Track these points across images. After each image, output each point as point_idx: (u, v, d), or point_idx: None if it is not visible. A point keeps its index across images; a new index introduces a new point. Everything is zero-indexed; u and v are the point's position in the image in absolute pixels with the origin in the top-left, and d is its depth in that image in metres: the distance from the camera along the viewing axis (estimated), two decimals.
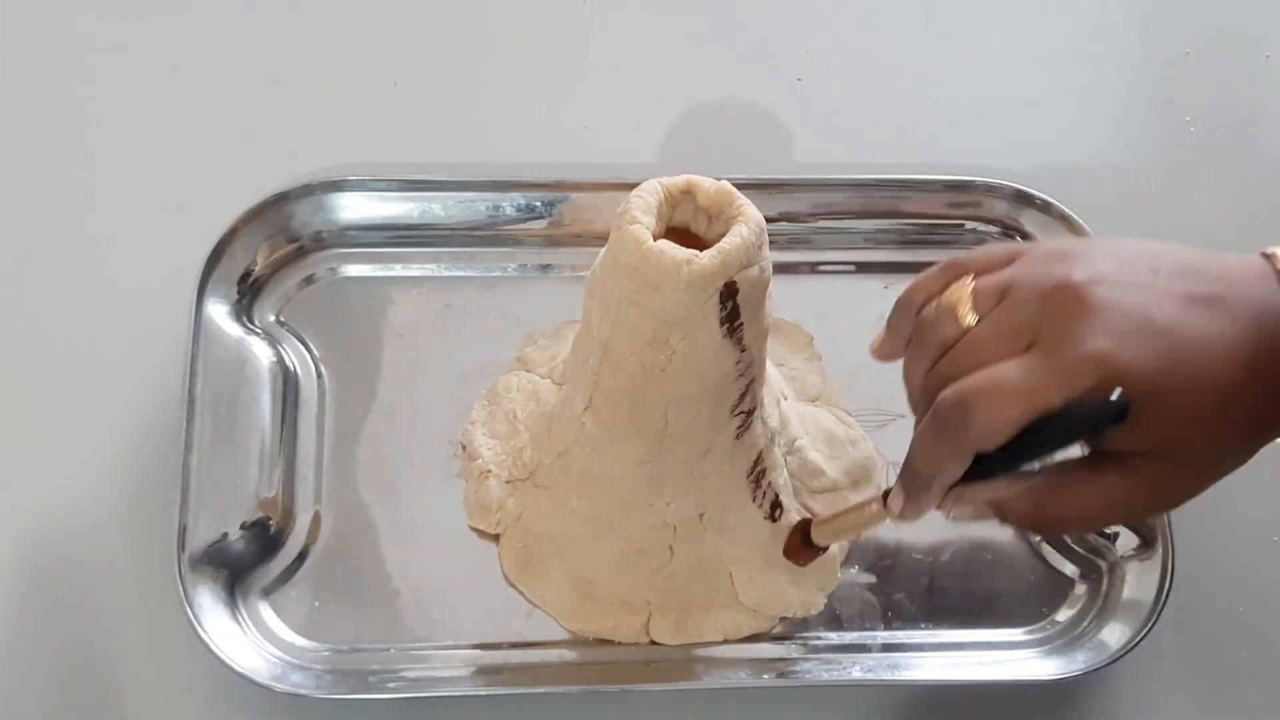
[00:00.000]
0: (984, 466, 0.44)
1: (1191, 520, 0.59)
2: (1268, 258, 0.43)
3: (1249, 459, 0.45)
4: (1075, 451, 0.46)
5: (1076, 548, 0.60)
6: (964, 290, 0.45)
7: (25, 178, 0.68)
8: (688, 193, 0.49)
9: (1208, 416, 0.42)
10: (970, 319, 0.44)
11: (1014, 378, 0.42)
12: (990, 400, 0.42)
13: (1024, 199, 0.66)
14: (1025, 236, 0.66)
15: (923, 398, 0.46)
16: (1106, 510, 0.46)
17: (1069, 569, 0.60)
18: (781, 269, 0.51)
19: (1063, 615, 0.59)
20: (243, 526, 0.57)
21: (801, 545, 0.56)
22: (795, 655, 0.57)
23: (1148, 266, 0.43)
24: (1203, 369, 0.41)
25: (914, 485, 0.46)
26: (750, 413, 0.54)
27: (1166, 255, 0.43)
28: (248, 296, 0.63)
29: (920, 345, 0.46)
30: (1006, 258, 0.45)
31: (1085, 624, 0.58)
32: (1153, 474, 0.44)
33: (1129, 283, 0.42)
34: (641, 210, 0.48)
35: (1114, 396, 0.41)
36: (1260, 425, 0.43)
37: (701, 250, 0.47)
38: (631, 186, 0.49)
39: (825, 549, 0.57)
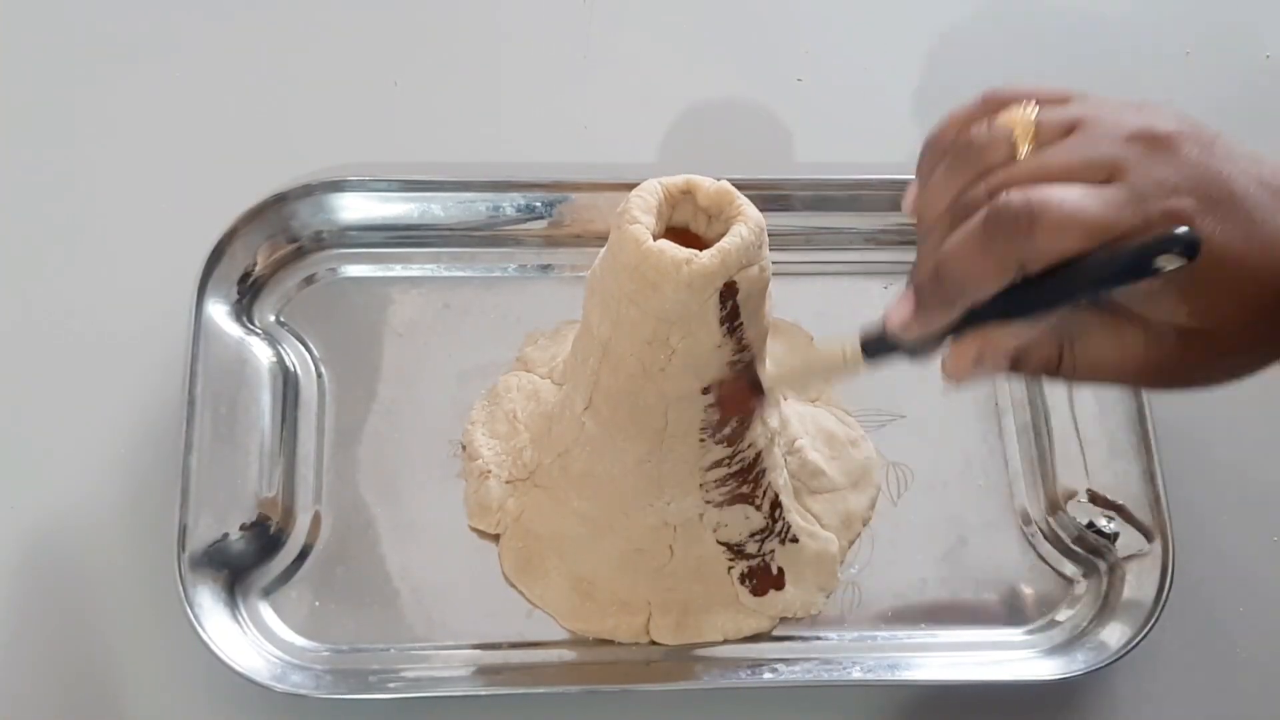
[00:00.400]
0: (1015, 301, 0.39)
1: (1191, 520, 0.59)
2: None
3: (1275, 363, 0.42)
4: None
5: (1076, 548, 0.60)
6: (1026, 116, 0.40)
7: (25, 178, 0.68)
8: (687, 192, 0.49)
9: (1259, 312, 0.39)
10: (1027, 149, 0.40)
11: (1093, 204, 0.37)
12: (1064, 214, 0.37)
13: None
14: None
15: (946, 219, 0.40)
16: (1119, 368, 0.41)
17: (1069, 569, 0.60)
18: (781, 269, 0.51)
19: (1063, 615, 0.59)
20: (243, 526, 0.57)
21: (744, 392, 0.51)
22: (795, 655, 0.57)
23: (1220, 138, 0.40)
24: (1272, 263, 0.38)
25: (935, 293, 0.40)
26: (750, 413, 0.54)
27: (1228, 138, 0.40)
28: (248, 296, 0.63)
29: (959, 165, 0.41)
30: (1062, 95, 0.41)
31: (1085, 624, 0.58)
32: (1178, 347, 0.40)
33: (1212, 147, 0.39)
34: (641, 210, 0.48)
35: (1181, 230, 0.37)
36: None
37: (701, 250, 0.47)
38: (631, 186, 0.49)
39: (761, 398, 0.52)
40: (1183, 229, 0.37)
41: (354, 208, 0.65)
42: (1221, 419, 0.63)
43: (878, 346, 0.45)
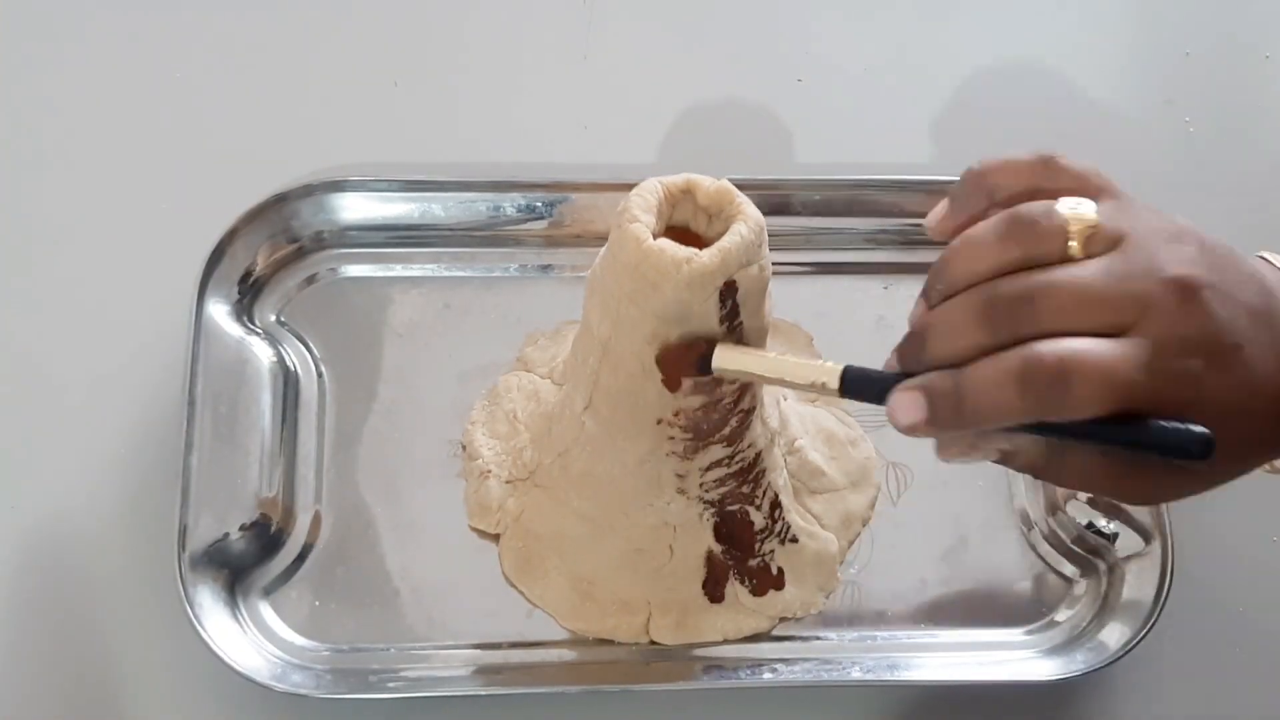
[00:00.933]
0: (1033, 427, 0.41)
1: (1191, 520, 0.59)
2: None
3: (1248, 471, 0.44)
4: None
5: (1076, 548, 0.60)
6: (1086, 219, 0.41)
7: (25, 178, 0.68)
8: (687, 191, 0.49)
9: (1244, 443, 0.42)
10: (1077, 251, 0.41)
11: (1119, 377, 0.39)
12: (1094, 380, 0.39)
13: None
14: None
15: (974, 287, 0.42)
16: (1106, 484, 0.44)
17: (1069, 569, 0.60)
18: (781, 269, 0.51)
19: (1062, 615, 0.59)
20: (243, 526, 0.57)
21: (688, 365, 0.49)
22: (795, 655, 0.57)
23: (1233, 269, 0.42)
24: (1265, 403, 0.41)
25: (954, 415, 0.41)
26: (750, 413, 0.54)
27: (1234, 258, 0.42)
28: (248, 296, 0.63)
29: (1010, 240, 0.41)
30: (1102, 186, 0.43)
31: (1085, 624, 0.58)
32: (1167, 472, 0.42)
33: (1226, 293, 0.41)
34: (641, 209, 0.48)
35: (1199, 430, 0.40)
36: (1271, 445, 0.43)
37: (701, 249, 0.48)
38: (631, 186, 0.49)
39: (704, 378, 0.50)
40: (1200, 430, 0.39)
41: (354, 208, 0.65)
42: None
43: (858, 391, 0.45)
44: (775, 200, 0.65)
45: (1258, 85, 0.75)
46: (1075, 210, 0.42)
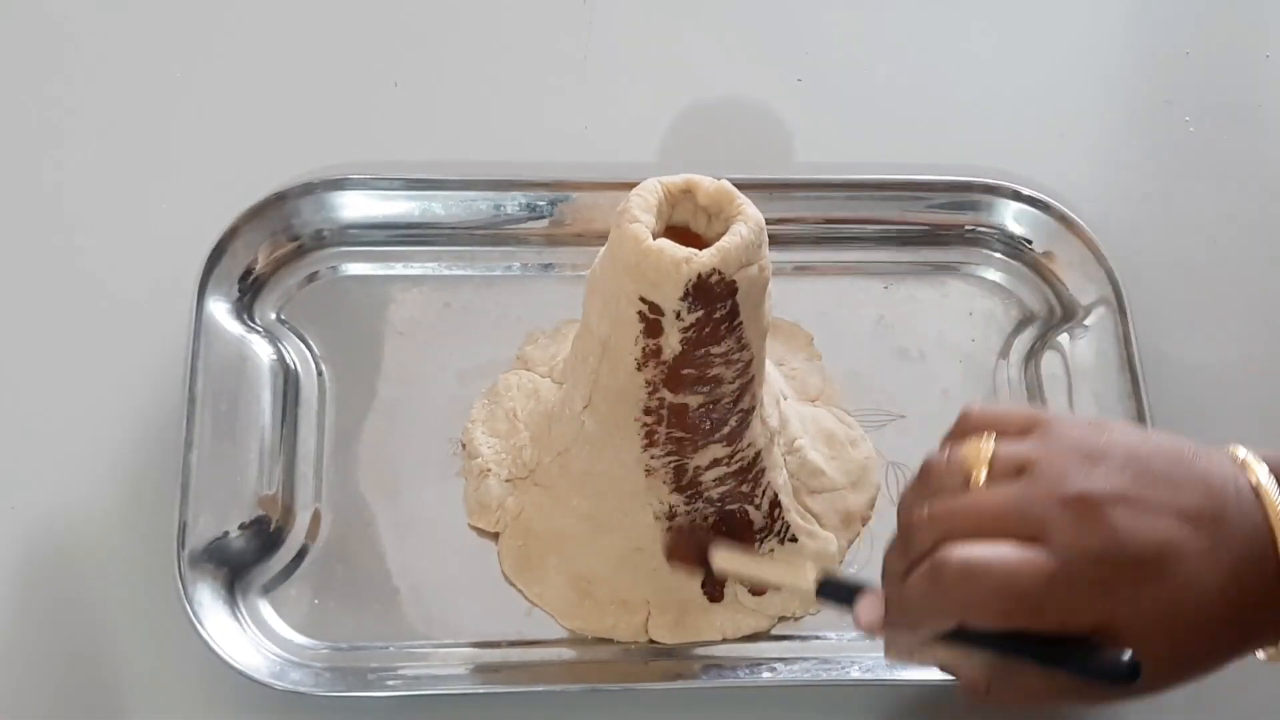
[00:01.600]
0: (965, 638, 0.43)
1: None
2: (1239, 462, 0.44)
3: (1219, 669, 0.45)
4: None
5: None
6: (983, 451, 0.44)
7: (25, 178, 0.68)
8: (687, 191, 0.50)
9: (1185, 655, 0.43)
10: (976, 483, 0.44)
11: (1023, 580, 0.41)
12: (993, 587, 0.41)
13: (1023, 200, 0.66)
14: (1025, 239, 0.66)
15: (909, 533, 0.45)
16: (1054, 699, 0.47)
17: None
18: (781, 269, 0.51)
19: None
20: (242, 524, 0.57)
21: (692, 555, 0.55)
22: (794, 655, 0.57)
23: (1163, 476, 0.43)
24: (1194, 610, 0.42)
25: (899, 618, 0.45)
26: (749, 412, 0.54)
27: (1181, 461, 0.43)
28: (248, 295, 0.63)
29: (919, 489, 0.45)
30: (1026, 424, 0.45)
31: None
32: (1105, 688, 0.43)
33: (1144, 504, 0.42)
34: (641, 209, 0.48)
35: (1125, 657, 0.41)
36: (1239, 638, 0.44)
37: (701, 249, 0.48)
38: (632, 186, 0.49)
39: (708, 573, 0.55)
40: (1126, 654, 0.41)
41: (355, 206, 0.65)
42: (1221, 419, 0.63)
43: (833, 595, 0.49)
44: (775, 200, 0.64)
45: (1258, 85, 0.75)
46: (972, 447, 0.44)
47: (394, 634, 0.56)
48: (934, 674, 0.56)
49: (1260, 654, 0.46)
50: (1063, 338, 0.64)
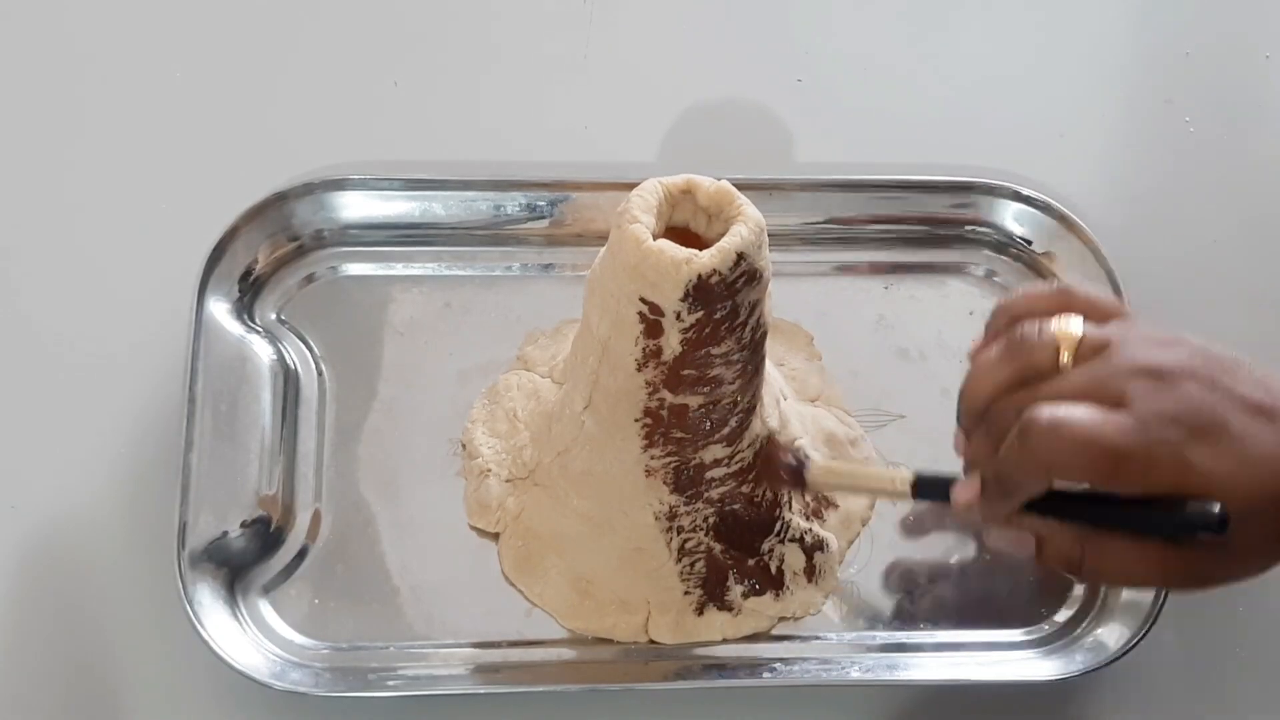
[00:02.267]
0: (1063, 507, 0.47)
1: None
2: None
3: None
4: None
5: None
6: (1072, 333, 0.47)
7: (26, 177, 0.68)
8: (687, 192, 0.50)
9: (1265, 521, 0.45)
10: (1067, 361, 0.47)
11: (1107, 434, 0.44)
12: (1079, 441, 0.44)
13: (1024, 200, 0.66)
14: (1025, 239, 0.66)
15: (986, 406, 0.48)
16: (1143, 577, 0.49)
17: None
18: (781, 269, 0.51)
19: (1061, 616, 0.59)
20: (243, 524, 0.57)
21: (785, 471, 0.56)
22: (794, 655, 0.57)
23: (1229, 370, 0.46)
24: (1264, 479, 0.44)
25: (994, 489, 0.48)
26: (750, 412, 0.54)
27: (1242, 366, 0.46)
28: (249, 295, 0.63)
29: (1008, 359, 0.48)
30: (1112, 311, 0.49)
31: (1084, 624, 0.58)
32: (1199, 557, 0.46)
33: (1213, 382, 0.45)
34: (641, 209, 0.48)
35: (1215, 508, 0.43)
36: None
37: (701, 249, 0.48)
38: (632, 186, 0.49)
39: (800, 486, 0.56)
40: (1214, 505, 0.43)
41: (355, 206, 0.65)
42: None
43: (929, 493, 0.52)
44: (775, 200, 0.64)
45: (1258, 85, 0.75)
46: (1064, 326, 0.47)
47: (394, 634, 0.56)
48: (933, 675, 0.57)
49: None
50: None
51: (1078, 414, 0.44)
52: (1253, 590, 0.60)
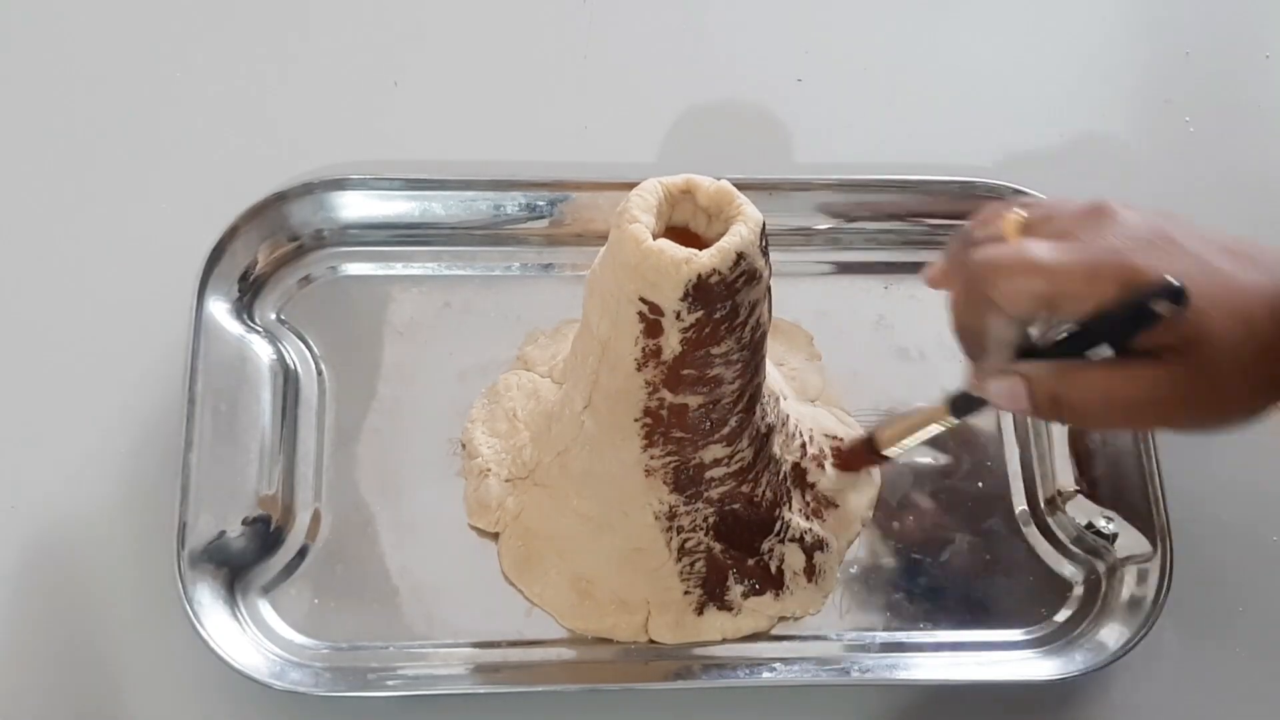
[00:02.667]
0: (1031, 351, 0.48)
1: (1191, 520, 0.59)
2: None
3: (1262, 412, 0.46)
4: None
5: (1075, 548, 0.60)
6: (1016, 215, 0.49)
7: (26, 177, 0.68)
8: (687, 192, 0.49)
9: (1232, 326, 0.44)
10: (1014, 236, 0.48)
11: (1041, 253, 0.45)
12: (1015, 268, 0.45)
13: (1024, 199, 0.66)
14: None
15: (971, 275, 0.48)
16: (1124, 401, 0.47)
17: (1068, 570, 0.60)
18: (781, 269, 0.51)
19: (1061, 616, 0.59)
20: (243, 524, 0.57)
21: (865, 456, 0.58)
22: (794, 655, 0.57)
23: (1185, 222, 0.46)
24: (1226, 287, 0.44)
25: (964, 347, 0.50)
26: (749, 412, 0.54)
27: (1206, 229, 0.46)
28: (248, 294, 0.63)
29: (961, 246, 0.50)
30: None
31: (1084, 624, 0.58)
32: (1179, 370, 0.45)
33: (1170, 221, 0.46)
34: (641, 209, 0.48)
35: (1172, 281, 0.43)
36: (1275, 385, 0.45)
37: (701, 249, 0.48)
38: (631, 186, 0.49)
39: (883, 458, 0.58)
40: (1170, 278, 0.43)
41: (355, 206, 0.65)
42: None
43: (962, 405, 0.53)
44: (775, 200, 0.64)
45: (1258, 85, 0.75)
46: (1008, 217, 0.49)
47: (394, 634, 0.57)
48: (933, 675, 0.57)
49: None
50: None
51: (1012, 249, 0.46)
52: (1253, 590, 0.60)
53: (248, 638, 0.55)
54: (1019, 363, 0.48)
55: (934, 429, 0.55)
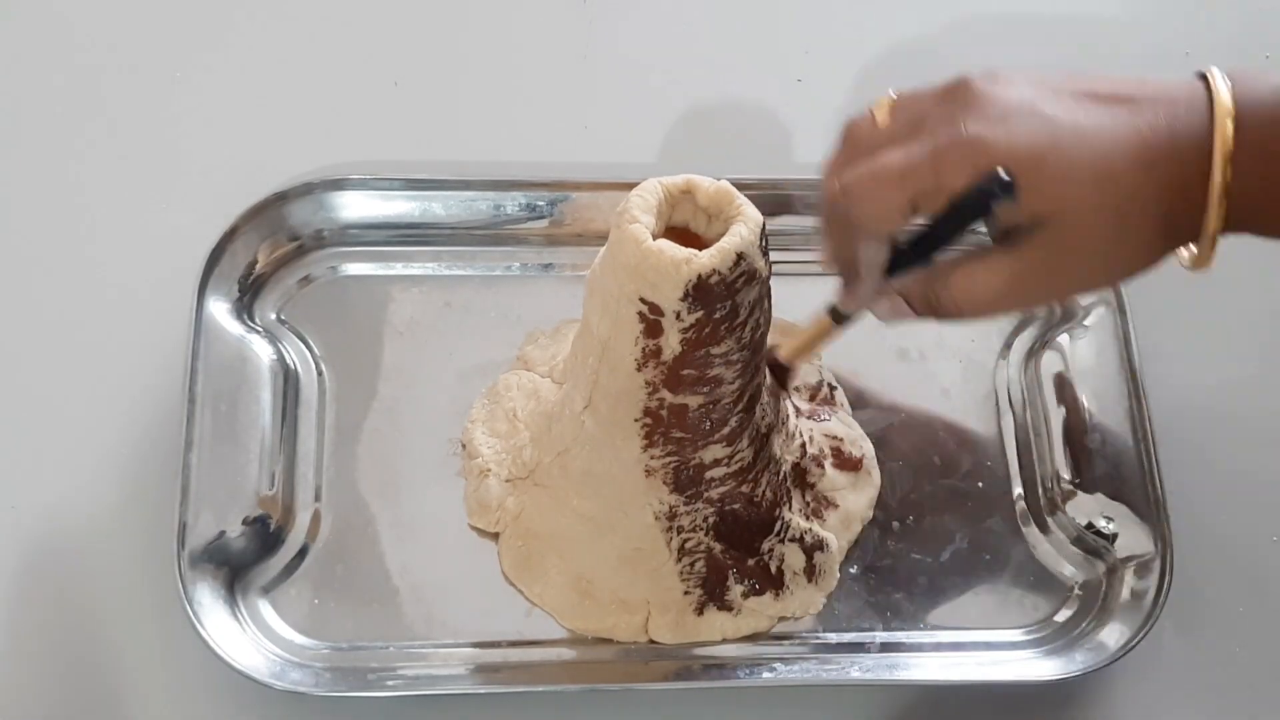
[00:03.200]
0: (900, 259, 0.48)
1: (1191, 520, 0.59)
2: (1202, 76, 0.44)
3: (1151, 262, 0.46)
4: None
5: (1075, 549, 0.60)
6: (887, 96, 0.49)
7: (26, 177, 0.68)
8: (687, 192, 0.50)
9: (1086, 192, 0.43)
10: (883, 119, 0.48)
11: (891, 162, 0.45)
12: (867, 185, 0.45)
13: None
14: None
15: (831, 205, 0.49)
16: (992, 289, 0.46)
17: (1068, 569, 0.60)
18: (781, 269, 0.51)
19: (1061, 616, 0.59)
20: (243, 524, 0.57)
21: (775, 372, 0.57)
22: (794, 655, 0.57)
23: (1064, 75, 0.45)
24: (1084, 147, 0.43)
25: (838, 271, 0.50)
26: (749, 412, 0.54)
27: (1091, 72, 0.45)
28: (248, 295, 0.63)
29: (838, 149, 0.49)
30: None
31: (1084, 624, 0.58)
32: (1034, 249, 0.45)
33: (1030, 82, 0.44)
34: (641, 209, 0.48)
35: (1000, 173, 0.42)
36: (1160, 225, 0.44)
37: (701, 249, 0.48)
38: (631, 186, 0.49)
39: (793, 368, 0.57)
40: (997, 173, 0.42)
41: (355, 206, 0.65)
42: (1221, 418, 0.63)
43: (841, 315, 0.53)
44: (775, 200, 0.64)
45: None
46: (879, 100, 0.49)
47: (394, 634, 0.57)
48: (933, 675, 0.57)
49: (1184, 254, 0.46)
50: (1063, 338, 0.64)
51: (864, 168, 0.45)
52: (1253, 590, 0.60)
53: (248, 638, 0.55)
54: (891, 281, 0.48)
55: (828, 338, 0.55)
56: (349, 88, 0.71)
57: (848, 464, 0.60)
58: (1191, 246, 0.46)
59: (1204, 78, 0.44)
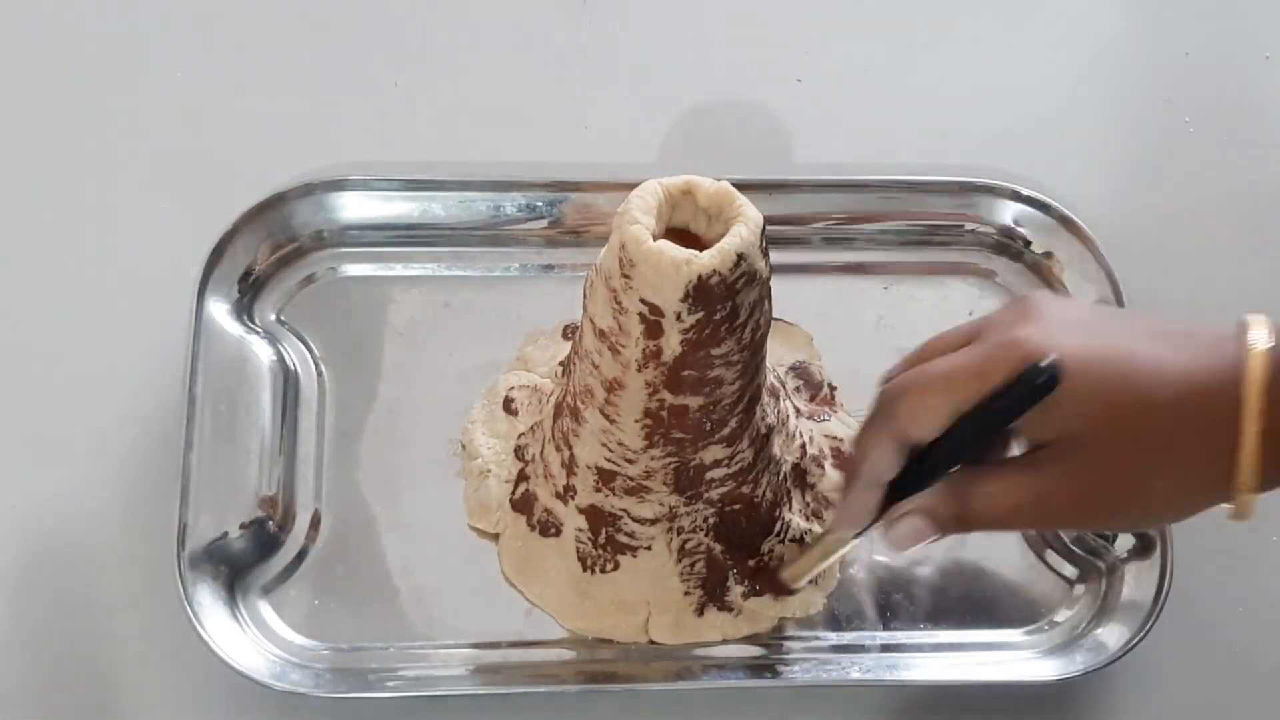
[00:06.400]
0: (924, 467, 0.46)
1: (1191, 520, 0.59)
2: (1242, 323, 0.44)
3: (1184, 509, 0.45)
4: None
5: (1075, 549, 0.60)
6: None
7: (26, 177, 0.68)
8: (687, 193, 0.49)
9: (1122, 414, 0.42)
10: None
11: (939, 366, 0.45)
12: (914, 387, 0.45)
13: (1023, 200, 0.66)
14: (1025, 239, 0.66)
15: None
16: (1013, 500, 0.45)
17: (1068, 570, 0.60)
18: (781, 269, 0.51)
19: (1061, 616, 0.59)
20: (243, 525, 0.57)
21: (778, 583, 0.57)
22: (794, 655, 0.57)
23: (1128, 310, 0.45)
24: (1131, 370, 0.42)
25: (851, 483, 0.49)
26: (750, 413, 0.54)
27: (1147, 314, 0.45)
28: (248, 295, 0.63)
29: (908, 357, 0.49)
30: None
31: (1084, 625, 0.58)
32: (1057, 470, 0.44)
33: (1093, 306, 0.45)
34: (641, 210, 0.48)
35: (1044, 363, 0.41)
36: (1195, 471, 0.43)
37: (701, 250, 0.48)
38: (631, 186, 0.49)
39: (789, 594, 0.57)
40: (1044, 362, 0.41)
41: (355, 207, 0.65)
42: None
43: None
44: (775, 200, 0.64)
45: (1258, 85, 0.75)
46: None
47: (394, 635, 0.57)
48: (933, 675, 0.57)
49: (1227, 506, 0.45)
50: None
51: (913, 372, 0.45)
52: (1253, 590, 0.60)
53: (248, 639, 0.55)
54: (911, 500, 0.47)
55: (838, 553, 0.54)
56: (349, 88, 0.71)
57: (848, 464, 0.59)
58: (1233, 498, 0.44)
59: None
